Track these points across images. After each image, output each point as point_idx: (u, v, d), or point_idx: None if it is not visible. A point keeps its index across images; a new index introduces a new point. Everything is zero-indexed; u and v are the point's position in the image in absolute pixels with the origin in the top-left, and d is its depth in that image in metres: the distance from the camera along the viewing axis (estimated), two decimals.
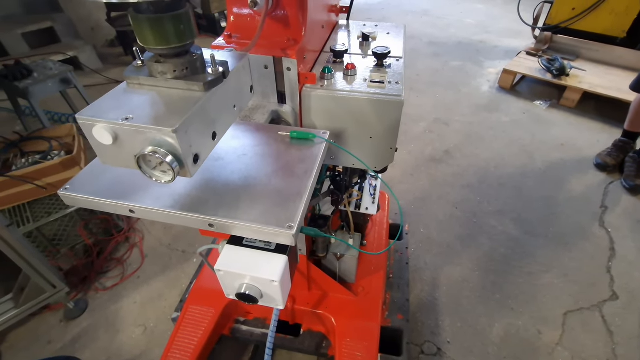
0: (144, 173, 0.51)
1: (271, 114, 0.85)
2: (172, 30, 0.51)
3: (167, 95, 0.54)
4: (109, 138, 0.49)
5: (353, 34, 1.12)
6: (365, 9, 5.36)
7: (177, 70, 0.54)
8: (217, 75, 0.56)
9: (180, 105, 0.51)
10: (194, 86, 0.54)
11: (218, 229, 0.58)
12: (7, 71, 2.20)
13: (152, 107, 0.51)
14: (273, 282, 0.59)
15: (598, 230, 1.96)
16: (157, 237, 1.95)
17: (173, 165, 0.48)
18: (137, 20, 0.50)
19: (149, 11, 0.49)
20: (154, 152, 0.48)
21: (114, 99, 0.53)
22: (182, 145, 0.48)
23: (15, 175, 1.55)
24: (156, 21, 0.50)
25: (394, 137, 0.87)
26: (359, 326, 1.24)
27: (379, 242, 1.51)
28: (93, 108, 0.51)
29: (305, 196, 0.60)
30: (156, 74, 0.55)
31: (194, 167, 0.53)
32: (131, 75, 0.56)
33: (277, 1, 0.79)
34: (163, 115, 0.49)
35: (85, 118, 0.49)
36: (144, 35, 0.51)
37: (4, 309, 1.43)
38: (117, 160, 0.52)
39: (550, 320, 1.57)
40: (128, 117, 0.48)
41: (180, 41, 0.52)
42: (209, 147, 0.57)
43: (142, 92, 0.55)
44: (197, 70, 0.56)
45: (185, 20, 0.52)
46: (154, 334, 1.53)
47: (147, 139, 0.48)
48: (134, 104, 0.52)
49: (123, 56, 3.93)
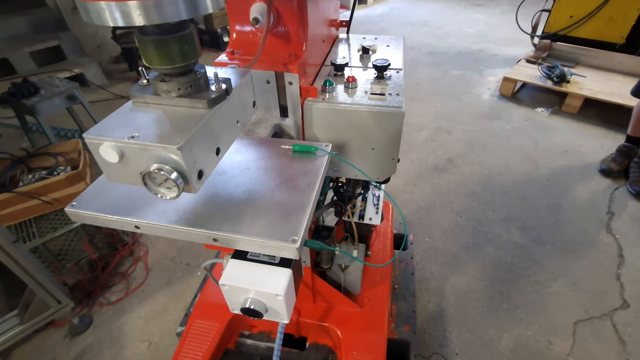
0: (149, 190, 0.52)
1: (274, 128, 0.86)
2: (177, 51, 0.52)
3: (172, 112, 0.55)
4: (115, 156, 0.49)
5: (353, 47, 1.14)
6: (365, 21, 5.44)
7: (181, 88, 0.56)
8: (220, 92, 0.57)
9: (184, 123, 0.52)
10: (198, 104, 0.55)
11: (222, 244, 0.58)
12: (14, 89, 2.24)
13: (157, 125, 0.52)
14: (278, 296, 0.59)
15: (605, 236, 1.94)
16: (161, 251, 1.95)
17: (178, 182, 0.49)
18: (142, 42, 0.51)
19: (154, 33, 0.51)
20: (159, 169, 0.48)
21: (120, 118, 0.55)
22: (187, 161, 0.49)
23: (21, 191, 1.57)
24: (161, 42, 0.51)
25: (396, 148, 0.88)
26: (365, 339, 1.22)
27: (384, 252, 1.50)
28: (100, 127, 0.52)
29: (309, 209, 0.60)
30: (161, 92, 0.56)
31: (198, 183, 0.53)
32: (137, 93, 0.57)
33: (278, 18, 0.81)
34: (168, 133, 0.50)
35: (92, 137, 0.50)
36: (149, 55, 0.52)
37: (9, 325, 1.42)
38: (123, 177, 0.53)
39: (561, 330, 1.54)
40: (134, 136, 0.49)
41: (184, 61, 0.54)
42: (213, 162, 0.58)
43: (148, 110, 0.56)
44: (201, 88, 0.57)
45: (189, 40, 0.53)
46: (158, 349, 1.51)
47: (152, 156, 0.49)
48: (139, 122, 0.53)
49: (128, 72, 4.01)
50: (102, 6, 0.42)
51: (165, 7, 0.43)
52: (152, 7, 0.43)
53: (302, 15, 0.80)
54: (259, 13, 0.76)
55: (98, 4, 0.42)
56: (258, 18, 0.76)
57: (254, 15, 0.76)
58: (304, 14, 0.80)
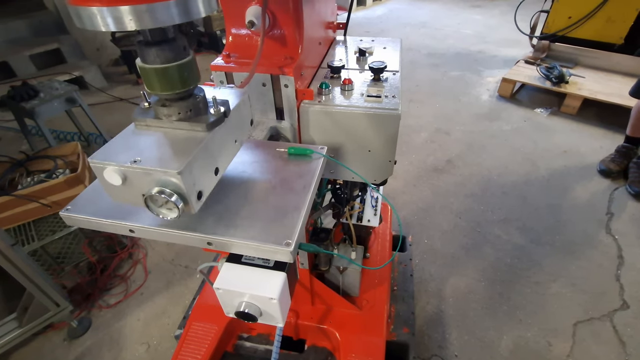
0: (151, 211, 0.54)
1: (270, 130, 0.87)
2: (177, 78, 0.54)
3: (173, 136, 0.57)
4: (118, 179, 0.51)
5: (350, 49, 1.14)
6: (364, 22, 5.45)
7: (181, 112, 0.57)
8: (218, 115, 0.58)
9: (184, 146, 0.54)
10: (197, 127, 0.57)
11: (216, 247, 0.58)
12: (14, 92, 2.25)
13: (159, 148, 0.54)
14: (272, 299, 0.59)
15: (605, 237, 1.94)
16: (160, 253, 1.95)
17: (178, 204, 0.51)
18: (143, 70, 0.53)
19: (155, 62, 0.52)
20: (160, 192, 0.50)
21: (123, 141, 0.56)
22: (187, 184, 0.51)
23: (20, 194, 1.57)
24: (162, 71, 0.53)
25: (392, 150, 0.88)
26: (364, 341, 1.22)
27: (382, 254, 1.50)
28: (104, 151, 0.54)
29: (303, 212, 0.60)
30: (162, 116, 0.58)
31: (197, 203, 0.55)
32: (139, 117, 0.59)
33: (273, 21, 0.81)
34: (168, 156, 0.52)
35: (97, 161, 0.52)
36: (151, 82, 0.54)
37: (7, 328, 1.42)
38: (125, 198, 0.55)
39: (560, 331, 1.53)
40: (136, 160, 0.51)
41: (184, 87, 0.55)
42: (211, 182, 0.60)
43: (149, 132, 0.58)
44: (200, 111, 0.59)
45: (188, 68, 0.55)
46: (157, 351, 1.51)
47: (154, 179, 0.51)
48: (141, 146, 0.54)
49: (127, 74, 4.02)
50: (94, 12, 0.42)
51: (157, 12, 0.43)
52: (144, 12, 0.43)
53: (297, 18, 0.80)
54: (255, 16, 0.76)
55: (90, 9, 0.42)
56: (253, 21, 0.76)
57: (250, 19, 0.76)
58: (299, 17, 0.80)
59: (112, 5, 0.41)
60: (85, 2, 0.42)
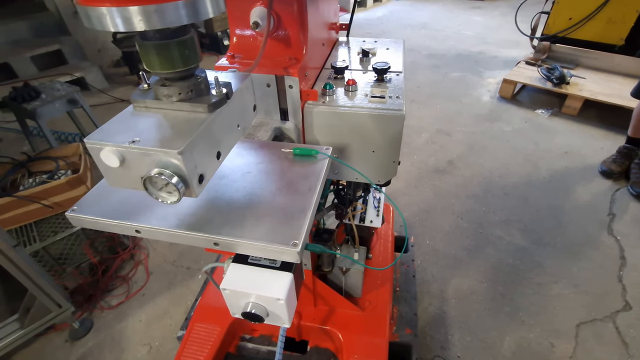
0: (150, 194, 0.52)
1: (274, 131, 0.87)
2: (178, 56, 0.52)
3: (173, 117, 0.55)
4: (115, 161, 0.49)
5: (353, 50, 1.14)
6: (365, 23, 5.46)
7: (182, 92, 0.55)
8: (220, 96, 0.57)
9: (185, 127, 0.52)
10: (199, 108, 0.55)
11: (223, 248, 0.58)
12: (15, 93, 2.25)
13: (158, 129, 0.52)
14: (279, 300, 0.59)
15: (607, 238, 1.93)
16: (162, 254, 1.95)
17: (178, 186, 0.49)
18: (143, 47, 0.51)
19: (155, 38, 0.51)
20: (159, 174, 0.48)
21: (121, 122, 0.54)
22: (188, 166, 0.49)
23: (22, 195, 1.57)
24: (162, 47, 0.51)
25: (396, 151, 0.88)
26: (366, 342, 1.22)
27: (385, 255, 1.50)
28: (101, 132, 0.52)
29: (310, 213, 0.60)
30: (162, 96, 0.56)
31: (199, 187, 0.53)
32: (137, 98, 0.57)
33: (278, 22, 0.81)
34: (169, 137, 0.50)
35: (93, 142, 0.50)
36: (150, 60, 0.52)
37: (9, 329, 1.42)
38: (123, 181, 0.53)
39: (563, 332, 1.53)
40: (134, 140, 0.49)
41: (185, 65, 0.54)
42: (213, 166, 0.58)
43: (149, 114, 0.56)
44: (202, 92, 0.57)
45: (190, 45, 0.53)
46: (159, 352, 1.51)
47: (153, 161, 0.49)
48: (140, 127, 0.53)
49: (128, 75, 4.02)
50: (104, 12, 0.42)
51: (166, 13, 0.43)
52: (153, 13, 0.43)
53: (302, 19, 0.80)
54: (259, 17, 0.76)
55: (99, 9, 0.42)
56: (258, 22, 0.77)
57: (254, 19, 0.77)
58: (304, 18, 0.81)
59: (122, 6, 0.41)
60: (95, 2, 0.42)
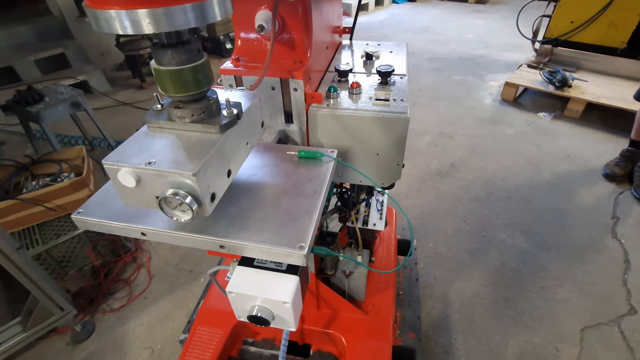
0: (165, 213, 0.53)
1: (279, 134, 0.87)
2: (191, 80, 0.54)
3: (186, 138, 0.57)
4: (132, 181, 0.51)
5: (356, 53, 1.14)
6: (367, 27, 5.48)
7: (194, 114, 0.57)
8: (231, 117, 0.59)
9: (198, 148, 0.54)
10: (211, 129, 0.57)
11: (229, 250, 0.58)
12: (19, 96, 2.26)
13: (172, 150, 0.54)
14: (285, 303, 0.58)
15: (611, 241, 1.92)
16: (164, 257, 1.94)
17: (192, 206, 0.51)
18: (158, 72, 0.53)
19: (170, 64, 0.52)
20: (174, 194, 0.50)
21: (137, 143, 0.56)
22: (201, 186, 0.51)
23: (25, 198, 1.57)
24: (176, 73, 0.53)
25: (401, 154, 0.88)
26: (370, 346, 1.21)
27: (388, 258, 1.49)
28: (117, 153, 0.54)
29: (315, 216, 0.60)
30: (175, 118, 0.58)
31: (211, 205, 0.55)
32: (152, 119, 0.59)
33: (282, 25, 0.81)
34: (183, 158, 0.52)
35: (111, 163, 0.52)
36: (165, 84, 0.54)
37: (11, 332, 1.42)
38: (138, 200, 0.55)
39: (567, 336, 1.52)
40: (150, 162, 0.51)
41: (198, 89, 0.55)
42: (224, 184, 0.59)
43: (163, 135, 0.58)
44: (213, 113, 0.59)
45: (202, 70, 0.55)
46: (161, 356, 1.50)
47: (168, 181, 0.51)
48: (155, 148, 0.54)
49: (131, 79, 4.04)
50: (112, 14, 0.42)
51: (174, 16, 0.44)
52: (162, 16, 0.43)
53: (306, 22, 0.81)
54: (264, 20, 0.77)
55: (108, 12, 0.42)
56: (263, 25, 0.77)
57: (259, 23, 0.77)
58: (308, 21, 0.81)
59: (130, 9, 0.42)
60: (103, 5, 0.42)
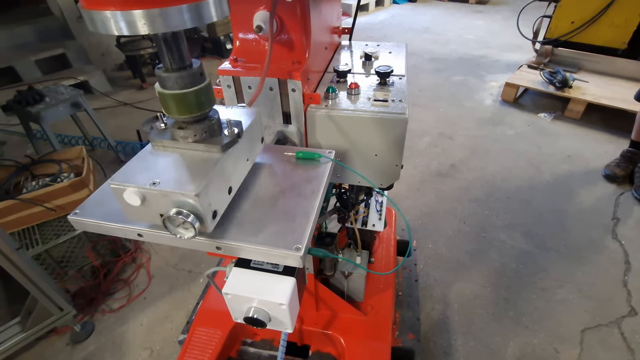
0: (168, 231, 0.55)
1: (277, 135, 0.87)
2: (194, 102, 0.56)
3: (189, 157, 0.59)
4: (137, 200, 0.53)
5: (355, 54, 1.14)
6: (367, 27, 5.48)
7: (197, 134, 0.59)
8: (232, 136, 0.60)
9: (200, 167, 0.55)
10: (213, 148, 0.59)
11: (225, 252, 0.58)
12: (20, 97, 2.27)
13: (176, 170, 0.55)
14: (281, 305, 0.58)
15: (611, 243, 1.92)
16: (163, 257, 1.94)
17: (194, 224, 0.52)
18: (162, 95, 0.55)
19: (174, 88, 0.54)
20: (178, 213, 0.52)
21: (141, 161, 0.58)
22: (203, 205, 0.52)
23: (25, 198, 1.57)
24: (180, 96, 0.55)
25: (399, 155, 0.88)
26: (369, 347, 1.21)
27: (387, 259, 1.49)
28: (124, 172, 0.55)
29: (313, 217, 0.60)
30: (178, 137, 0.60)
31: (212, 222, 0.56)
32: (156, 138, 0.60)
33: (281, 25, 0.81)
34: (186, 178, 0.53)
35: (117, 183, 0.53)
36: (168, 107, 0.56)
37: (11, 333, 1.42)
38: (142, 216, 0.56)
39: (567, 338, 1.51)
40: (155, 182, 0.52)
41: (200, 110, 0.57)
42: (225, 201, 0.61)
43: (166, 154, 0.59)
44: (215, 132, 0.61)
45: (205, 92, 0.57)
46: (160, 356, 1.50)
47: (171, 200, 0.52)
48: (159, 167, 0.56)
49: (131, 79, 4.04)
50: (108, 15, 0.42)
51: (170, 16, 0.43)
52: (157, 17, 0.43)
53: (305, 23, 0.81)
54: (262, 21, 0.76)
55: (103, 13, 0.42)
56: (261, 26, 0.77)
57: (258, 23, 0.77)
58: (306, 22, 0.81)
59: (126, 9, 0.42)
60: (99, 6, 0.42)
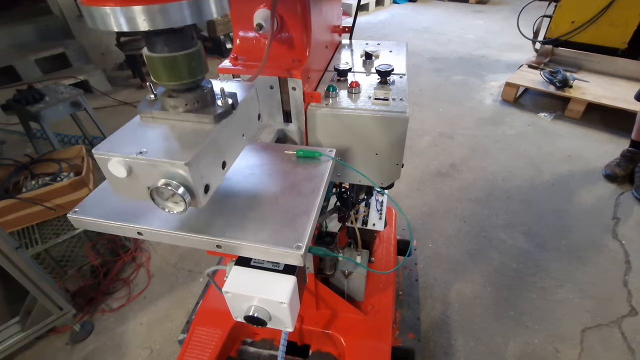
0: (156, 204, 0.52)
1: (277, 133, 0.86)
2: (185, 68, 0.53)
3: (180, 128, 0.56)
4: (123, 171, 0.50)
5: (356, 53, 1.14)
6: (367, 27, 5.48)
7: (188, 104, 0.56)
8: (226, 107, 0.57)
9: (191, 138, 0.53)
10: (205, 119, 0.56)
11: (225, 250, 0.58)
12: (20, 96, 2.26)
13: (165, 140, 0.53)
14: (282, 303, 0.58)
15: (611, 242, 1.92)
16: (163, 257, 1.94)
17: (185, 197, 0.49)
18: (150, 59, 0.52)
19: (163, 51, 0.51)
20: (166, 185, 0.49)
21: (128, 133, 0.55)
22: (194, 177, 0.49)
23: (24, 197, 1.57)
24: (169, 60, 0.51)
25: (400, 154, 0.87)
26: (369, 346, 1.21)
27: (387, 258, 1.49)
28: (108, 142, 0.53)
29: (313, 215, 0.60)
30: (168, 107, 0.57)
31: (204, 197, 0.53)
32: (144, 109, 0.57)
33: (281, 24, 0.81)
34: (175, 148, 0.51)
35: (101, 152, 0.51)
36: (157, 72, 0.53)
37: (10, 332, 1.42)
38: (130, 191, 0.53)
39: (568, 337, 1.51)
40: (142, 151, 0.50)
41: (191, 77, 0.54)
42: (219, 176, 0.58)
43: (155, 125, 0.56)
44: (208, 103, 0.58)
45: (196, 57, 0.54)
46: (159, 356, 1.50)
47: (160, 171, 0.50)
48: (147, 138, 0.53)
49: (131, 78, 4.04)
50: (107, 11, 0.42)
51: (170, 13, 0.43)
52: (157, 13, 0.43)
53: (305, 21, 0.80)
54: (263, 19, 0.76)
55: (103, 9, 0.42)
56: (262, 24, 0.76)
57: (258, 22, 0.77)
58: (307, 20, 0.80)
59: (126, 5, 0.41)
60: (99, 2, 0.42)
